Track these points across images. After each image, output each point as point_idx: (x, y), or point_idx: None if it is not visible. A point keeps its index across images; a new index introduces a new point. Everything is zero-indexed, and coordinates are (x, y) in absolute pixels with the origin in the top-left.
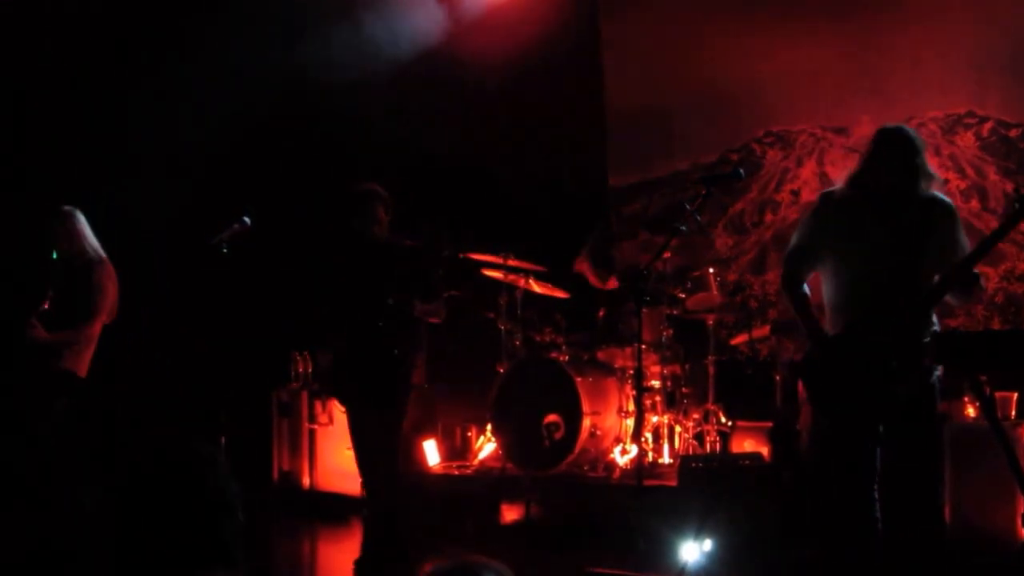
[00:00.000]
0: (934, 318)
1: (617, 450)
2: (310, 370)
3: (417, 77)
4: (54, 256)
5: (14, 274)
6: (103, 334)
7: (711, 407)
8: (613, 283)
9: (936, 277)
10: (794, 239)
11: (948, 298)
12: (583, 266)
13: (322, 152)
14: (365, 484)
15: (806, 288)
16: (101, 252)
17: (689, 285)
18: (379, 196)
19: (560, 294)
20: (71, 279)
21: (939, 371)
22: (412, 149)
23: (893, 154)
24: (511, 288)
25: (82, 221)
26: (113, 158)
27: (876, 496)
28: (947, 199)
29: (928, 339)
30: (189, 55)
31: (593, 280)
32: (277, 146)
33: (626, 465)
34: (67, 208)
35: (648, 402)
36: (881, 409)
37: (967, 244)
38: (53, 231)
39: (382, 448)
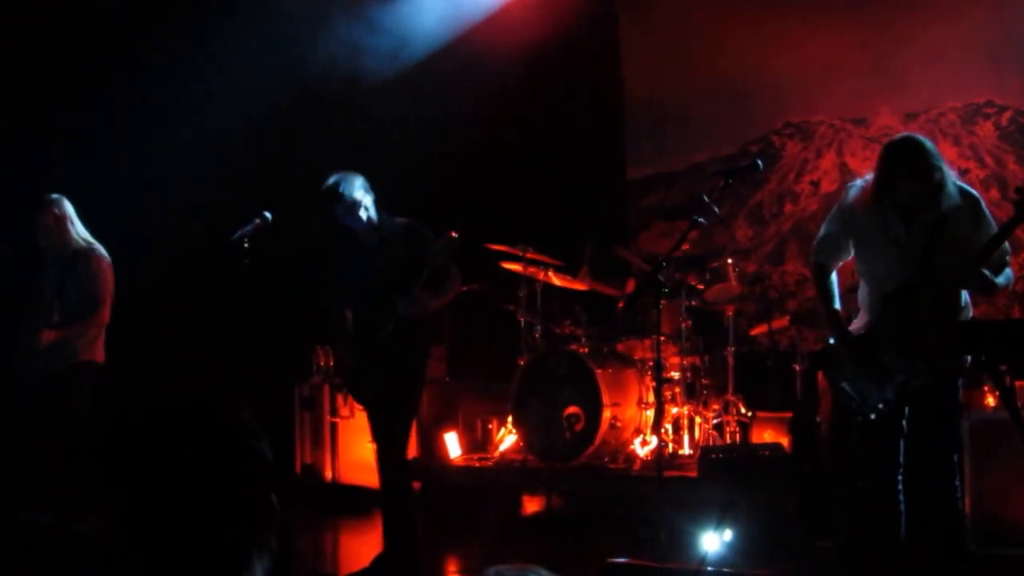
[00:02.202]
0: (968, 307)
1: (637, 441)
2: (331, 364)
3: (434, 71)
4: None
5: (23, 269)
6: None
7: (731, 398)
8: (631, 285)
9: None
10: (821, 229)
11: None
12: (587, 283)
13: (337, 146)
14: (381, 480)
15: (834, 278)
16: (91, 240)
17: (708, 276)
18: (355, 181)
19: (579, 287)
20: (65, 270)
21: (967, 362)
22: (430, 143)
23: (907, 166)
24: (531, 281)
25: (69, 209)
26: (130, 154)
27: (901, 488)
28: (972, 190)
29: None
30: (208, 46)
31: (608, 290)
32: (296, 139)
33: (646, 456)
34: (53, 196)
35: (668, 393)
36: (901, 400)
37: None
38: (39, 221)
39: (392, 446)
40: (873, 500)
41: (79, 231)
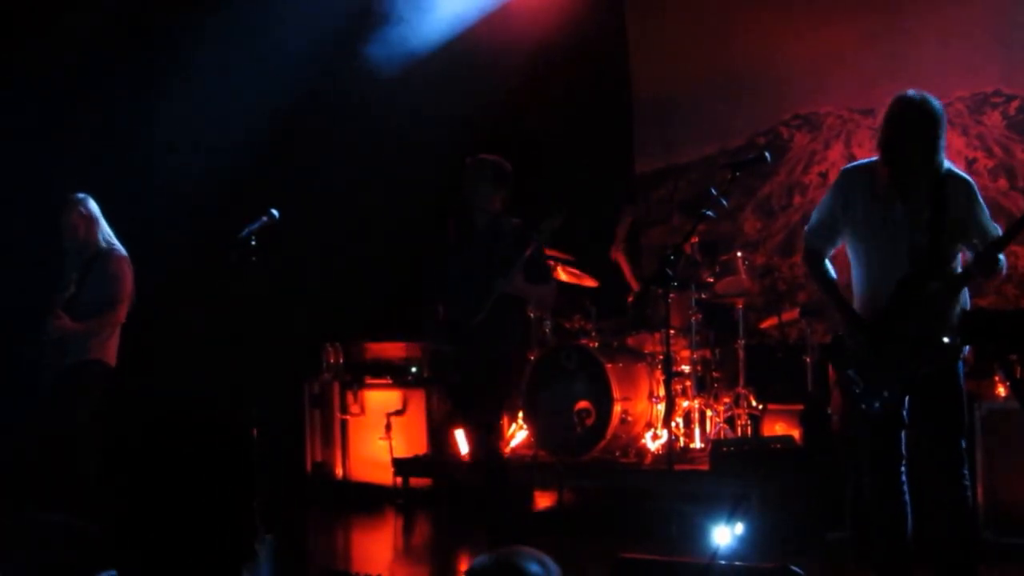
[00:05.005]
0: (965, 297)
1: (648, 435)
2: (341, 361)
3: (443, 66)
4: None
5: (38, 264)
6: (134, 325)
7: (742, 391)
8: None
9: (959, 255)
10: (813, 216)
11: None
12: (619, 257)
13: (346, 142)
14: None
15: (830, 266)
16: (114, 240)
17: (718, 269)
18: (486, 168)
19: (589, 282)
20: (85, 269)
21: (966, 352)
22: (437, 141)
23: (910, 122)
24: None
25: (94, 209)
26: (143, 151)
27: (904, 480)
28: (963, 173)
29: (955, 319)
30: (213, 44)
31: (628, 275)
32: (303, 138)
33: (657, 450)
34: (79, 196)
35: (678, 387)
36: (903, 392)
37: (987, 217)
38: (64, 221)
39: (485, 434)
40: (878, 493)
41: (104, 231)
